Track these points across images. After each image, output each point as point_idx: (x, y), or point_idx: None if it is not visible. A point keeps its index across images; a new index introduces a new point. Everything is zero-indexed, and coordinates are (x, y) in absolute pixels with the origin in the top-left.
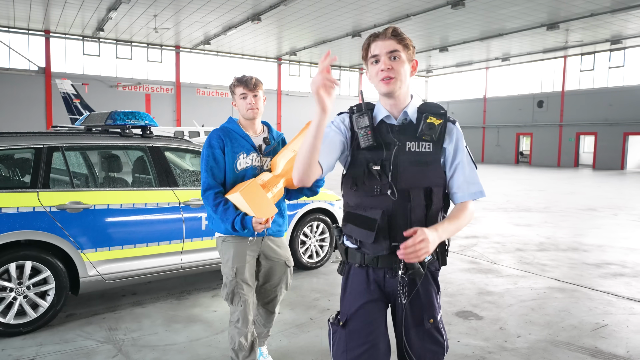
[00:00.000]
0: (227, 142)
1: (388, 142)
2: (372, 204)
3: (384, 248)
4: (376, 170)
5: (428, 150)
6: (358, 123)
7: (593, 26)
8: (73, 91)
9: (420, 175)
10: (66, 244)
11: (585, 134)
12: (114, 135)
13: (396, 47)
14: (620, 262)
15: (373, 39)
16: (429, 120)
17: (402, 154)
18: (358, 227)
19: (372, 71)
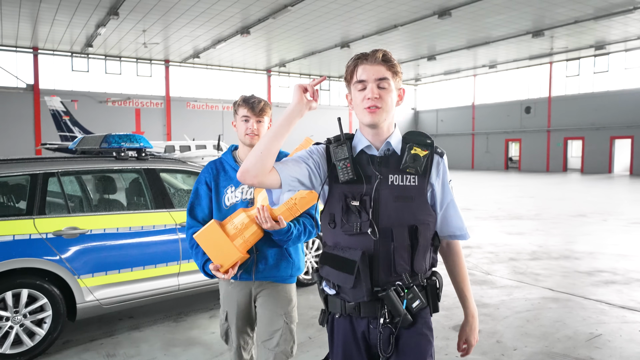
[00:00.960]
0: (218, 176)
1: (368, 174)
2: (351, 243)
3: (364, 294)
4: (355, 206)
5: (413, 184)
6: (336, 154)
7: (577, 33)
8: (62, 108)
9: (404, 212)
10: (63, 270)
11: (573, 139)
12: (109, 159)
13: (385, 75)
14: (611, 269)
15: (361, 61)
16: (414, 151)
17: (383, 188)
18: (336, 270)
19: (357, 97)
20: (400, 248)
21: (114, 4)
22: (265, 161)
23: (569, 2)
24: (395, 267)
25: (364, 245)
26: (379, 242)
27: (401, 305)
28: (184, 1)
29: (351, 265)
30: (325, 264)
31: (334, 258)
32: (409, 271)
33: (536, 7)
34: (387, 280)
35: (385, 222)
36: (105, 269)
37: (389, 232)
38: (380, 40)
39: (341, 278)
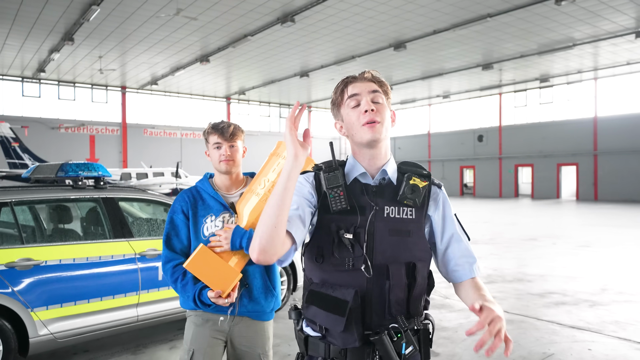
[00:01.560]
0: (195, 205)
1: (363, 205)
2: (342, 281)
3: (355, 339)
4: (348, 240)
5: (410, 217)
6: (328, 181)
7: (523, 66)
8: (11, 134)
9: (401, 247)
10: (15, 304)
11: (523, 166)
12: (65, 188)
13: (377, 89)
14: (561, 291)
15: (350, 81)
16: (413, 181)
17: (379, 221)
18: (324, 311)
19: (351, 116)
20: (396, 287)
21: (69, 29)
22: (280, 234)
23: (515, 38)
24: (390, 309)
25: (356, 283)
26: (373, 281)
27: (394, 351)
28: (142, 29)
29: (343, 306)
30: (311, 303)
31: (323, 297)
32: (404, 313)
33: (485, 42)
34: (380, 324)
35: (380, 258)
36: (60, 301)
37: (384, 270)
38: (339, 70)
39: (330, 320)
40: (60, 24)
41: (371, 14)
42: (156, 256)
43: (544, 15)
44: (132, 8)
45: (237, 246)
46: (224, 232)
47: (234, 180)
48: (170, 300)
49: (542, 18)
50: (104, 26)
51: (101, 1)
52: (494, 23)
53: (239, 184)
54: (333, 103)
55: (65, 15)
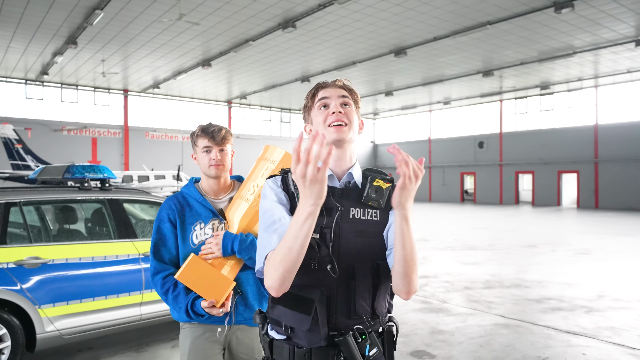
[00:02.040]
0: (183, 212)
1: (329, 206)
2: (308, 281)
3: (321, 338)
4: (314, 240)
5: (375, 219)
6: (294, 184)
7: (524, 73)
8: (15, 136)
9: (365, 248)
10: (23, 300)
11: (524, 173)
12: (72, 189)
13: (347, 95)
14: (558, 297)
15: (322, 86)
16: (376, 183)
17: (345, 222)
18: (290, 310)
19: (319, 117)
20: (361, 287)
21: (72, 33)
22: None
23: (515, 46)
24: (355, 308)
25: (323, 283)
26: (339, 281)
27: (358, 352)
28: (144, 33)
29: (309, 304)
30: (277, 303)
31: (289, 297)
32: (369, 313)
33: (485, 49)
34: (345, 324)
35: (346, 259)
36: (66, 299)
37: (350, 270)
38: (340, 75)
39: (296, 319)
40: (64, 27)
41: (372, 20)
42: None
43: (544, 23)
44: (135, 12)
45: (229, 251)
46: (214, 239)
47: (222, 185)
48: None
49: (542, 26)
50: (107, 30)
51: (105, 5)
52: (494, 30)
53: (226, 188)
54: (304, 107)
55: (69, 19)
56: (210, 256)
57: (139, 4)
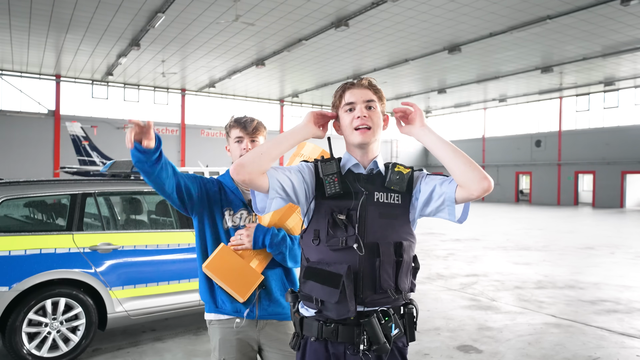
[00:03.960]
0: (219, 193)
1: (355, 190)
2: (336, 258)
3: (349, 309)
4: (341, 220)
5: (397, 203)
6: (324, 169)
7: (586, 69)
8: (82, 133)
9: (388, 229)
10: (97, 282)
11: (584, 173)
12: (139, 181)
13: (372, 97)
14: (614, 299)
15: (348, 87)
16: (397, 169)
17: (370, 204)
18: (320, 284)
19: (345, 120)
20: (386, 263)
21: (135, 35)
22: (262, 161)
23: (577, 40)
24: (380, 283)
25: (350, 260)
26: (365, 258)
27: (381, 332)
28: (202, 34)
29: (337, 279)
30: (309, 278)
31: (319, 272)
32: (393, 288)
33: (544, 45)
34: (371, 298)
35: (371, 238)
36: (134, 283)
37: (375, 248)
38: (391, 73)
39: (326, 292)
40: (128, 30)
41: (425, 17)
42: None
43: (609, 16)
44: (194, 15)
45: (259, 244)
46: (245, 230)
47: None
48: None
49: (607, 19)
50: (168, 32)
51: (166, 9)
52: (554, 25)
53: None
54: (333, 105)
55: (133, 23)
56: (239, 247)
57: (198, 7)
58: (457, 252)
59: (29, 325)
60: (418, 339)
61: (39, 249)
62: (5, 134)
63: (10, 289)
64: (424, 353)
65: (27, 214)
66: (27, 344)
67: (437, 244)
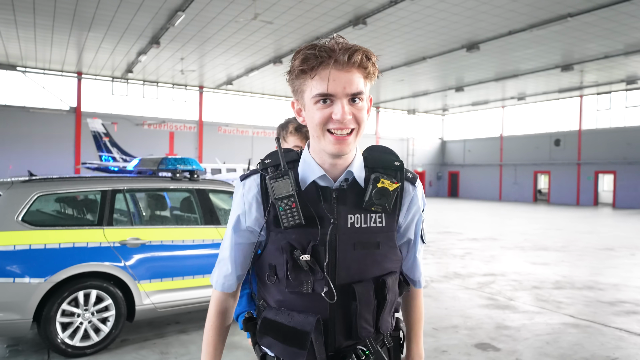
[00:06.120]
0: None
1: (320, 215)
2: (300, 306)
3: None
4: (306, 262)
5: (379, 225)
6: (276, 189)
7: (607, 67)
8: (103, 130)
9: (367, 261)
10: (126, 275)
11: (604, 173)
12: (165, 179)
13: (360, 87)
14: (634, 301)
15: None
16: (381, 184)
17: (342, 233)
18: (282, 344)
19: (315, 115)
20: (364, 309)
21: (156, 33)
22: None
23: (598, 38)
24: (357, 331)
25: (318, 308)
26: (337, 303)
27: None
28: (221, 32)
29: (303, 337)
30: (266, 334)
31: (279, 327)
32: (372, 334)
33: (565, 43)
34: (345, 344)
35: (344, 277)
36: (161, 276)
37: (350, 290)
38: (409, 71)
39: (288, 353)
40: (148, 29)
41: (444, 15)
42: None
43: (632, 14)
44: (213, 13)
45: None
46: None
47: None
48: None
49: (630, 17)
50: (187, 30)
51: (186, 7)
52: (575, 23)
53: None
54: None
55: (154, 21)
56: None
57: (218, 5)
58: (474, 252)
59: (63, 315)
60: (436, 337)
61: (72, 243)
62: (27, 130)
63: (45, 281)
64: (442, 350)
65: (60, 209)
66: (61, 333)
67: (454, 242)
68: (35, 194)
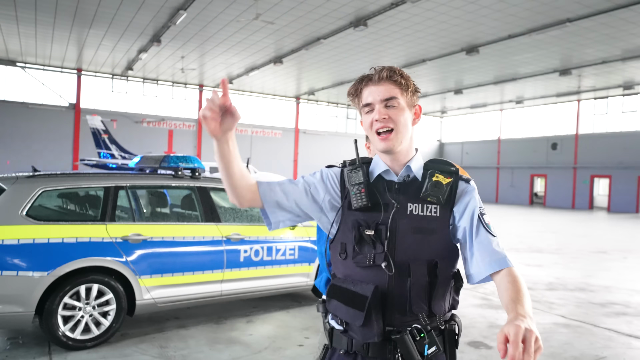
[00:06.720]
0: None
1: (385, 202)
2: (363, 277)
3: (375, 334)
4: (369, 236)
5: (434, 215)
6: (350, 178)
7: (605, 72)
8: (102, 127)
9: (423, 245)
10: (127, 270)
11: (600, 177)
12: (168, 176)
13: (392, 93)
14: (624, 303)
15: (365, 84)
16: (436, 178)
17: (401, 218)
18: (345, 305)
19: (366, 122)
20: (417, 286)
21: (157, 31)
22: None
23: (596, 44)
24: (411, 307)
25: (377, 279)
26: (394, 278)
27: (416, 350)
28: (222, 31)
29: (362, 300)
30: (333, 297)
31: (343, 292)
32: (426, 312)
33: (563, 47)
34: (401, 321)
35: (402, 256)
36: (161, 272)
37: (405, 267)
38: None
39: (350, 314)
40: (149, 26)
41: (444, 18)
42: (239, 240)
43: (630, 20)
44: (214, 12)
45: None
46: None
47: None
48: (250, 280)
49: (627, 23)
50: (189, 29)
51: (188, 6)
52: (574, 28)
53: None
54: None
55: (155, 19)
56: None
57: (219, 5)
58: None
59: (64, 308)
60: None
61: (75, 238)
62: (26, 125)
63: (48, 274)
64: None
65: (63, 204)
66: (62, 326)
67: None
68: (39, 189)
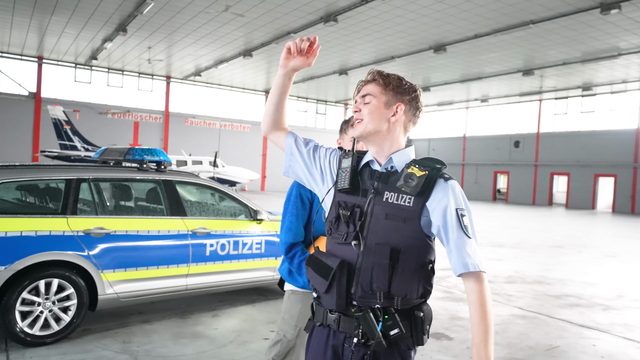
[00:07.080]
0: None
1: (365, 188)
2: (337, 252)
3: (334, 302)
4: (345, 215)
5: (407, 205)
6: (341, 163)
7: (565, 74)
8: (64, 117)
9: (392, 231)
10: (89, 265)
11: (559, 174)
12: (132, 169)
13: (369, 91)
14: (577, 295)
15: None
16: (410, 170)
17: (377, 204)
18: (316, 274)
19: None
20: (379, 266)
21: (123, 21)
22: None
23: (558, 46)
24: (371, 284)
25: (348, 255)
26: (363, 256)
27: (376, 328)
28: (190, 23)
29: (328, 271)
30: (309, 265)
31: (317, 262)
32: (385, 292)
33: (527, 48)
34: (363, 296)
35: (372, 238)
36: (125, 266)
37: (373, 248)
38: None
39: (317, 282)
40: (115, 15)
41: (413, 16)
42: (205, 234)
43: (589, 24)
44: (183, 3)
45: None
46: None
47: None
48: (216, 274)
49: (587, 27)
50: (156, 19)
51: None
52: (537, 29)
53: None
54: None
55: (121, 8)
56: None
57: None
58: None
59: (23, 304)
60: None
61: (34, 231)
62: None
63: (5, 269)
64: None
65: (22, 197)
66: (20, 322)
67: None
68: None
